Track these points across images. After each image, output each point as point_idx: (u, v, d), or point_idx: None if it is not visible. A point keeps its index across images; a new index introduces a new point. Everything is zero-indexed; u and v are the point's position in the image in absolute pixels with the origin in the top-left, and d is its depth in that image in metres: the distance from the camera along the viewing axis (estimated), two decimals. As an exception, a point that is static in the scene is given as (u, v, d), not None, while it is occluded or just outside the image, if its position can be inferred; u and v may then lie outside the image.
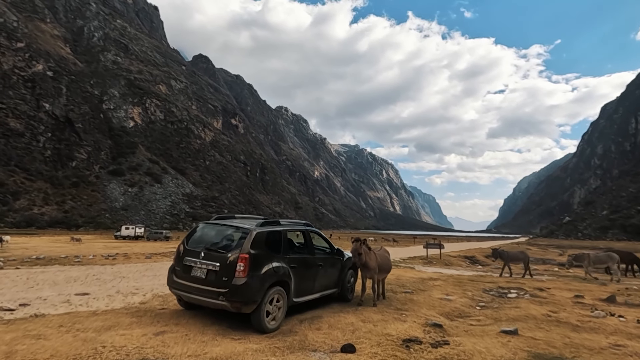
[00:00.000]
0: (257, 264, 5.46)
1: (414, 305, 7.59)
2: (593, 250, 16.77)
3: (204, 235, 6.19)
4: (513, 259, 15.77)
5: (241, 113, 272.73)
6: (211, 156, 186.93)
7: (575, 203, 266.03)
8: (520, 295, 9.84)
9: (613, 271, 14.33)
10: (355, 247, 7.22)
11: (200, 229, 6.36)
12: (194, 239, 6.12)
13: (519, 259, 15.84)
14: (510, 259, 15.66)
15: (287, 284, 5.94)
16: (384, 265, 7.98)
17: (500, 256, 15.61)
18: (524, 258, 15.74)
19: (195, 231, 6.32)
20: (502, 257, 15.57)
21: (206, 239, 6.07)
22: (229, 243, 5.76)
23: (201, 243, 5.96)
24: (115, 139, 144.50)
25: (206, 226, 6.38)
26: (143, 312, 6.15)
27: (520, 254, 16.03)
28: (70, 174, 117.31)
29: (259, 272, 5.44)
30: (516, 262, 16.04)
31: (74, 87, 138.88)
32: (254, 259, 5.42)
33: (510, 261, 15.66)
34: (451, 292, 9.64)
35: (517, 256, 15.90)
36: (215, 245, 5.80)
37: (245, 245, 5.46)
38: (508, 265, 15.58)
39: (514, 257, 15.79)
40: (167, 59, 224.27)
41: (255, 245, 5.55)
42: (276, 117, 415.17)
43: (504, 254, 15.69)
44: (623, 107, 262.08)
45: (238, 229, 5.91)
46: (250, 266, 5.33)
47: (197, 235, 6.22)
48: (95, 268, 12.73)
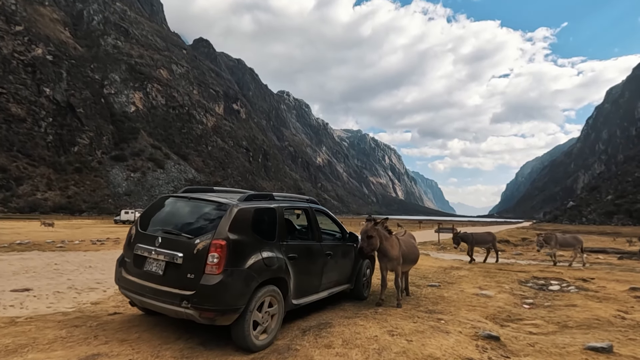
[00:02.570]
0: (239, 254, 3.83)
1: (448, 305, 5.97)
2: None
3: (165, 213, 4.44)
4: (480, 242, 14.10)
5: (243, 98, 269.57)
6: (213, 142, 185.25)
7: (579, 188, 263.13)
8: (565, 288, 8.23)
9: (578, 254, 13.79)
10: (366, 228, 5.52)
11: (162, 204, 4.59)
12: (151, 219, 4.39)
13: (486, 242, 14.19)
14: (477, 242, 13.98)
15: (284, 282, 4.35)
16: (410, 254, 6.26)
17: (464, 239, 13.87)
18: (492, 240, 14.15)
19: (154, 207, 4.57)
20: (465, 241, 13.86)
21: (168, 218, 4.34)
22: (198, 224, 4.04)
23: (160, 224, 4.24)
24: (117, 124, 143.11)
25: (170, 201, 4.61)
26: (84, 319, 4.51)
27: (488, 236, 14.38)
28: (73, 159, 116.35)
29: (242, 265, 3.81)
30: (483, 245, 14.40)
31: (74, 72, 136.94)
32: (235, 248, 3.78)
33: (476, 245, 14.04)
34: (484, 286, 8.02)
35: (485, 239, 14.22)
36: (179, 228, 4.05)
37: (222, 227, 3.81)
38: (472, 249, 13.99)
39: (480, 241, 14.09)
40: (167, 43, 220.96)
41: (237, 228, 3.90)
42: (278, 103, 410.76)
43: (468, 236, 13.95)
44: (629, 91, 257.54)
45: (212, 205, 4.19)
46: (229, 258, 3.70)
47: (156, 213, 4.47)
48: (70, 255, 11.13)
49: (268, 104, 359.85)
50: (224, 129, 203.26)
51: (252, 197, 4.42)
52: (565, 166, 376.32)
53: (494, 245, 14.33)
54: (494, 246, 14.37)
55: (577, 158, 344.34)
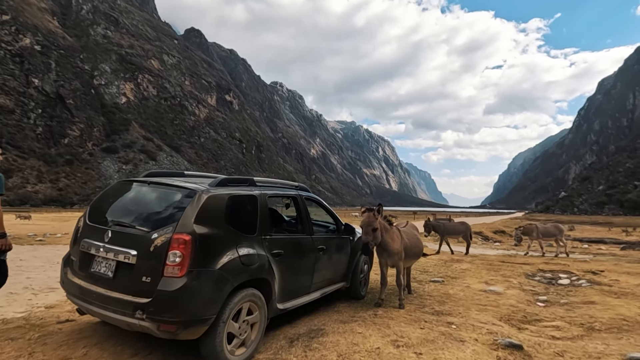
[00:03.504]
0: (209, 251, 3.11)
1: (456, 304, 5.32)
2: None
3: (120, 201, 3.66)
4: (451, 232, 13.43)
5: (236, 89, 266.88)
6: (206, 133, 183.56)
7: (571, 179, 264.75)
8: (575, 282, 7.66)
9: (562, 243, 13.21)
10: (368, 220, 4.71)
11: (117, 190, 3.81)
12: (103, 208, 3.61)
13: (459, 232, 13.54)
14: (448, 232, 13.30)
15: (267, 283, 3.65)
16: (413, 247, 5.51)
17: (435, 229, 13.17)
18: (465, 230, 13.50)
19: (108, 194, 3.79)
20: (436, 230, 13.18)
21: (122, 207, 3.58)
22: (158, 215, 3.29)
23: (112, 215, 3.48)
24: (108, 116, 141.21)
25: (127, 186, 3.80)
26: (26, 329, 3.73)
27: (461, 226, 13.73)
28: (63, 151, 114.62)
29: (212, 265, 3.09)
30: (455, 235, 13.76)
31: (63, 62, 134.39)
32: (203, 243, 3.06)
33: (447, 235, 13.36)
34: (491, 281, 7.40)
35: (458, 229, 13.58)
36: (134, 219, 3.31)
37: (186, 218, 3.08)
38: (445, 239, 13.35)
39: (452, 231, 13.43)
40: (158, 33, 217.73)
41: (206, 219, 3.17)
42: (271, 94, 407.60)
43: (440, 226, 13.25)
44: (621, 82, 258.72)
45: (176, 191, 3.45)
46: (195, 256, 2.98)
47: (110, 201, 3.69)
48: (44, 249, 10.34)
49: (261, 95, 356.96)
50: (217, 120, 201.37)
51: (227, 182, 3.67)
52: (557, 157, 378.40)
53: (467, 236, 13.52)
54: (467, 237, 13.54)
55: (569, 149, 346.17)
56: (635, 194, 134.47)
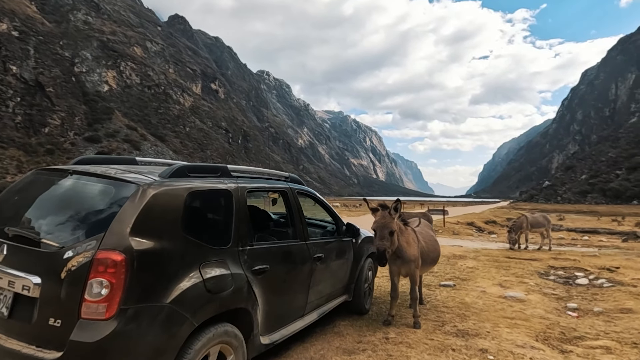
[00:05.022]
0: (155, 277, 2.14)
1: (480, 318, 4.44)
2: None
3: (26, 200, 2.53)
4: None
5: (221, 77, 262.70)
6: (191, 122, 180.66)
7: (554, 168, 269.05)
8: (595, 282, 6.93)
9: (549, 236, 12.68)
10: (384, 221, 3.70)
11: (26, 185, 2.64)
12: (3, 210, 2.51)
13: None
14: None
15: (246, 314, 2.67)
16: (430, 252, 4.57)
17: None
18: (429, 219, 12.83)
19: (12, 192, 2.65)
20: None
21: (29, 209, 2.47)
22: (76, 221, 2.24)
23: (12, 220, 2.36)
24: (90, 104, 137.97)
25: (41, 179, 2.65)
26: None
27: (424, 217, 12.98)
28: (44, 140, 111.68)
29: (160, 298, 2.12)
30: None
31: (42, 49, 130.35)
32: (145, 265, 2.09)
33: None
34: (505, 282, 6.60)
35: None
36: (40, 228, 2.26)
37: (119, 225, 2.08)
38: None
39: None
40: (141, 19, 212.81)
41: (151, 227, 2.18)
42: (258, 82, 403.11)
43: (404, 218, 12.51)
44: (604, 73, 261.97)
45: (108, 185, 2.39)
46: (132, 286, 2.01)
47: (15, 199, 2.58)
48: None
49: (248, 83, 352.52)
50: (202, 109, 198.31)
51: (186, 171, 2.54)
52: (541, 147, 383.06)
53: None
54: None
55: (553, 139, 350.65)
56: (617, 183, 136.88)
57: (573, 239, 16.77)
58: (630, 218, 34.89)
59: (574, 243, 15.01)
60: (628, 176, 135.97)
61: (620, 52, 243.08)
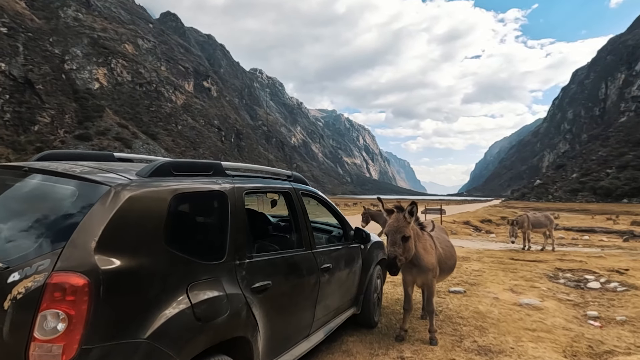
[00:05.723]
0: (128, 305, 1.65)
1: (500, 331, 4.24)
2: None
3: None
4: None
5: (214, 75, 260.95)
6: (183, 120, 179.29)
7: (545, 167, 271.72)
8: (608, 286, 6.81)
9: (551, 236, 12.47)
10: (397, 225, 3.34)
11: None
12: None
13: None
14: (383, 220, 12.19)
15: (245, 342, 2.23)
16: (447, 259, 4.25)
17: (374, 218, 12.05)
18: None
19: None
20: (376, 219, 12.06)
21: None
22: (28, 233, 1.75)
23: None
24: (80, 102, 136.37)
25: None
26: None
27: None
28: (34, 138, 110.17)
29: (136, 333, 1.63)
30: None
31: (32, 46, 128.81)
32: (115, 291, 1.60)
33: None
34: (516, 287, 6.45)
35: None
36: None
37: (81, 239, 1.59)
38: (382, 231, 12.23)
39: None
40: (133, 16, 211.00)
41: (124, 240, 1.71)
42: (251, 80, 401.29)
43: (381, 216, 12.07)
44: (594, 73, 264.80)
45: (72, 186, 1.89)
46: (97, 319, 1.52)
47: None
48: None
49: (240, 81, 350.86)
50: (195, 107, 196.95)
51: (170, 169, 2.07)
52: (532, 145, 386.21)
53: None
54: None
55: (544, 137, 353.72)
56: (607, 181, 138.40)
57: (573, 239, 16.74)
58: (624, 216, 35.15)
59: (575, 243, 14.97)
60: (618, 175, 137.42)
61: (610, 52, 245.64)
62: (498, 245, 13.98)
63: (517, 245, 13.60)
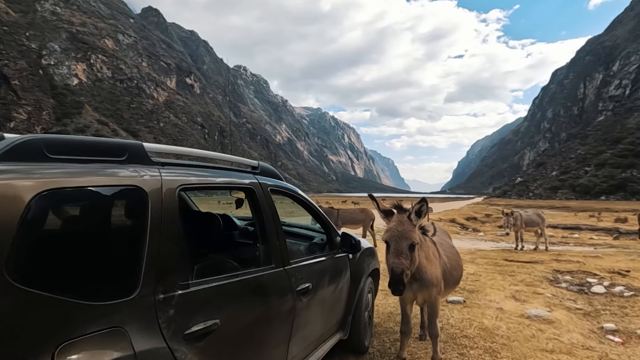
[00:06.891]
0: None
1: (514, 355, 3.59)
2: None
3: None
4: (348, 221, 11.92)
5: (197, 72, 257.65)
6: (166, 117, 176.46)
7: (525, 165, 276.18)
8: (614, 290, 6.33)
9: (543, 234, 12.12)
10: (402, 230, 2.52)
11: None
12: None
13: (356, 221, 12.04)
14: (343, 220, 11.77)
15: None
16: (453, 269, 3.37)
17: (327, 215, 11.40)
18: (363, 220, 12.08)
19: None
20: (329, 217, 11.46)
21: None
22: None
23: None
24: (58, 98, 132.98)
25: None
26: None
27: (360, 214, 12.29)
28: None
29: None
30: (353, 224, 12.18)
31: (7, 40, 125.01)
32: None
33: (344, 224, 11.85)
34: (518, 294, 5.93)
35: (355, 217, 12.07)
36: None
37: None
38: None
39: (348, 220, 11.90)
40: (113, 10, 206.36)
41: None
42: (235, 77, 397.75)
43: (333, 213, 11.64)
44: (573, 73, 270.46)
45: None
46: None
47: None
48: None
49: (224, 78, 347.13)
50: (177, 104, 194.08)
51: (42, 149, 1.26)
52: (513, 144, 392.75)
53: (366, 226, 11.87)
54: (367, 227, 11.88)
55: (524, 136, 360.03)
56: (586, 179, 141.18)
57: (564, 237, 16.46)
58: (606, 214, 35.45)
59: (567, 241, 14.67)
60: (596, 172, 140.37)
61: (588, 53, 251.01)
62: (488, 245, 13.56)
63: (509, 245, 13.21)
